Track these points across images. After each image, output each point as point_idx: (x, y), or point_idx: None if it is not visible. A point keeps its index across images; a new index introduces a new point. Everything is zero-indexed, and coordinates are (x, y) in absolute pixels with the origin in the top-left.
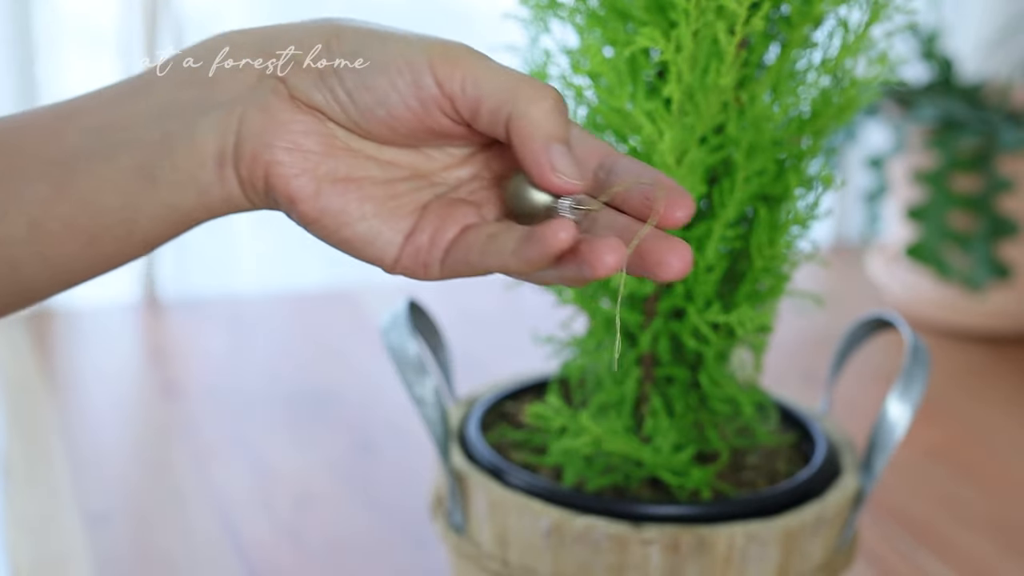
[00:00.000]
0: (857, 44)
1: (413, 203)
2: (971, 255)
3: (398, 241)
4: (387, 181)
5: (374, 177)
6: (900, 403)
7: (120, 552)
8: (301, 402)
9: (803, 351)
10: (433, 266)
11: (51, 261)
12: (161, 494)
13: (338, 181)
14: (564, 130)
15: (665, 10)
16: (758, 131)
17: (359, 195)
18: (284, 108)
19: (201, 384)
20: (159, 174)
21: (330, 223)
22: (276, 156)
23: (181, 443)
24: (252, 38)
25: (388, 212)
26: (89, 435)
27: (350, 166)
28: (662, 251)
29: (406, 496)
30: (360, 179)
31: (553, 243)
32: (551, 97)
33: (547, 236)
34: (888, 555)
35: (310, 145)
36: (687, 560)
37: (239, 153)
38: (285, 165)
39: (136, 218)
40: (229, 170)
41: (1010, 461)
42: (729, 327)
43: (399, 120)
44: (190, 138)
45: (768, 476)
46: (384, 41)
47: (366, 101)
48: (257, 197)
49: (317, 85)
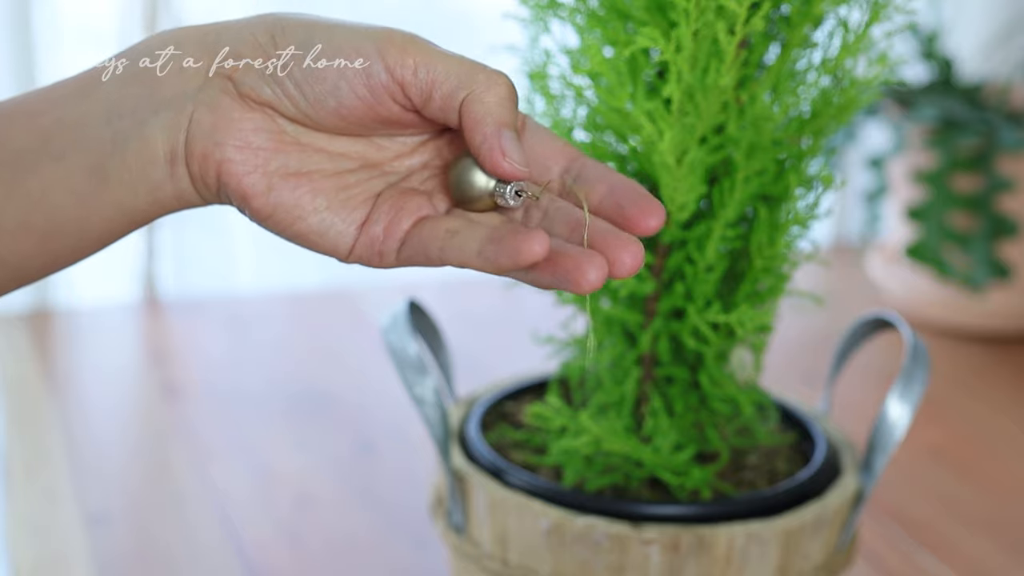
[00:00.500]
0: (857, 44)
1: (365, 193)
2: (971, 255)
3: (351, 232)
4: (338, 173)
5: (325, 170)
6: (900, 403)
7: (120, 552)
8: (301, 402)
9: (803, 351)
10: (388, 255)
11: (5, 260)
12: (161, 494)
13: (289, 176)
14: (514, 117)
15: (665, 10)
16: (758, 131)
17: (311, 188)
18: (233, 106)
19: (201, 384)
20: (111, 174)
21: (283, 218)
22: (227, 154)
23: (181, 443)
24: (196, 35)
25: (340, 203)
26: (89, 435)
27: (301, 160)
28: (616, 248)
29: (406, 496)
30: (311, 172)
31: (527, 255)
32: (504, 84)
33: (520, 247)
34: (887, 554)
35: (260, 142)
36: (687, 560)
37: (190, 151)
38: (236, 163)
39: (89, 216)
40: (180, 168)
41: (1010, 461)
42: (729, 327)
43: (349, 109)
44: (141, 137)
45: (768, 476)
46: (331, 31)
47: (315, 92)
48: (209, 193)
49: (266, 81)
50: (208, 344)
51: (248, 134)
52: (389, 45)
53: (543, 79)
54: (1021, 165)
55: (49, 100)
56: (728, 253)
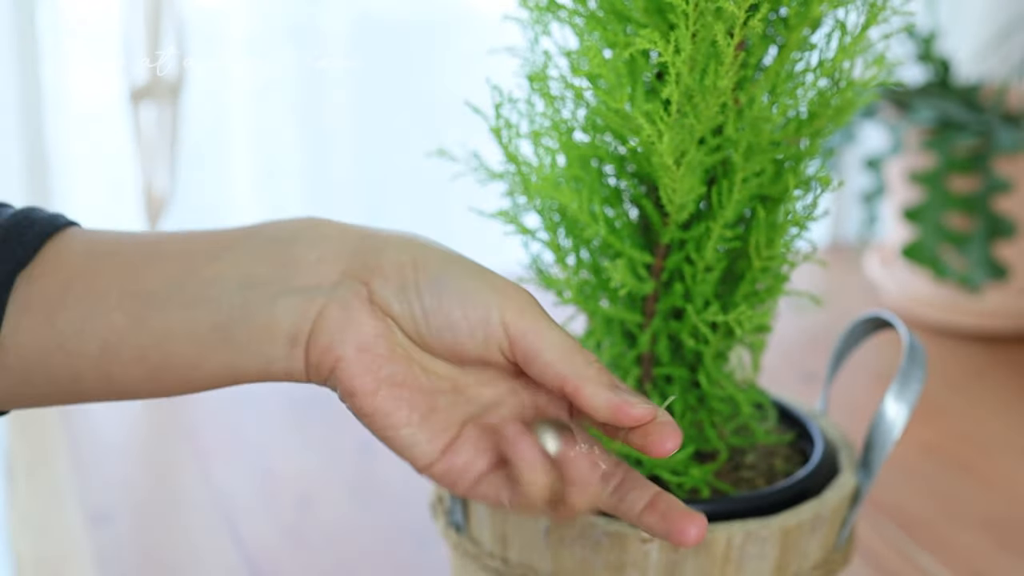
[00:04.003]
0: (854, 46)
1: (451, 418)
2: (968, 256)
3: (433, 452)
4: (431, 392)
5: (423, 386)
6: (897, 402)
7: (122, 551)
8: (303, 401)
9: (801, 351)
10: (460, 487)
11: (114, 381)
12: (163, 494)
13: (395, 386)
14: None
15: (664, 12)
16: (756, 132)
17: (409, 402)
18: (362, 310)
19: None
20: (233, 336)
21: (380, 421)
22: (347, 352)
23: (183, 443)
24: (341, 234)
25: (429, 424)
26: (91, 434)
27: (406, 373)
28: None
29: (407, 495)
30: (411, 386)
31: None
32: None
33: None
34: (885, 553)
35: (378, 348)
36: (686, 558)
37: (312, 341)
38: (353, 362)
39: (202, 365)
40: (299, 351)
41: (1005, 459)
42: (728, 327)
43: (462, 347)
44: (269, 314)
45: (766, 475)
46: (464, 272)
47: (438, 323)
48: (318, 379)
49: (398, 297)
50: None
51: (370, 338)
52: (512, 305)
53: (543, 80)
54: (1018, 166)
55: (184, 250)
56: (727, 253)
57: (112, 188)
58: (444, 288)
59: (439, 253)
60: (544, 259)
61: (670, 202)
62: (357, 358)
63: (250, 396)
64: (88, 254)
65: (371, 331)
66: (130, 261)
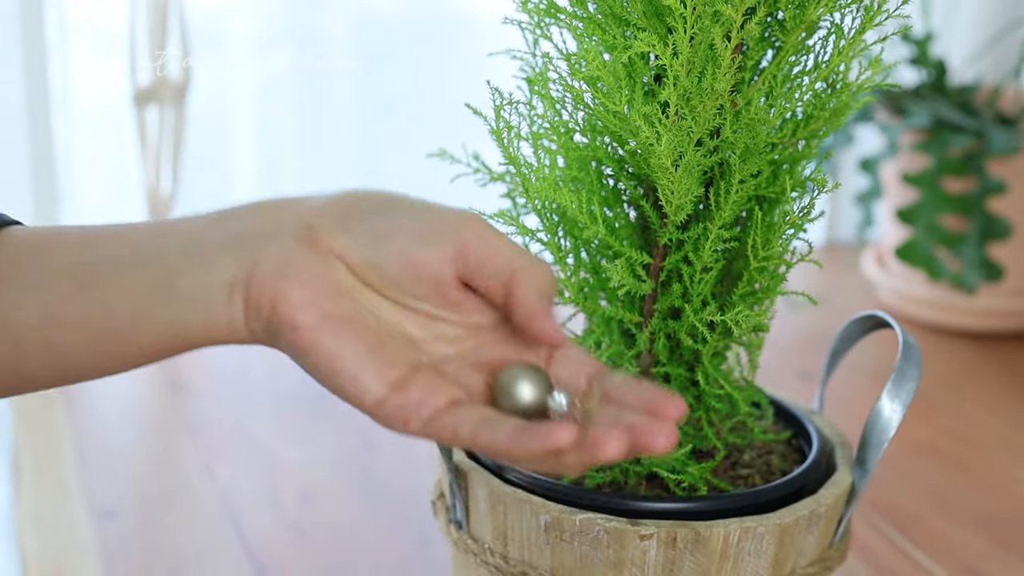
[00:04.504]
0: (850, 49)
1: (403, 358)
2: (962, 257)
3: (383, 386)
4: (380, 332)
5: (370, 325)
6: (892, 400)
7: (127, 546)
8: (306, 398)
9: (798, 350)
10: (413, 423)
11: (56, 350)
12: (168, 489)
13: (340, 320)
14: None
15: (662, 16)
16: (753, 134)
17: (355, 334)
18: (304, 250)
19: (206, 380)
20: (175, 289)
21: (324, 353)
22: (287, 287)
23: (187, 439)
24: (283, 201)
25: (377, 358)
26: (96, 431)
27: (351, 311)
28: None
29: (408, 491)
30: (358, 323)
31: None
32: (550, 271)
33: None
34: (880, 549)
35: (319, 286)
36: (684, 555)
37: (251, 283)
38: (294, 296)
39: (142, 325)
40: (238, 296)
41: (998, 456)
42: (725, 326)
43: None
44: (209, 263)
45: (763, 472)
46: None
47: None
48: (258, 325)
49: (342, 227)
50: None
51: (310, 277)
52: (466, 214)
53: (543, 83)
54: (1011, 167)
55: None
56: (724, 253)
57: (117, 188)
58: (390, 210)
59: (379, 192)
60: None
61: (668, 203)
62: (299, 293)
63: (254, 393)
64: (33, 240)
65: (314, 270)
66: (75, 243)
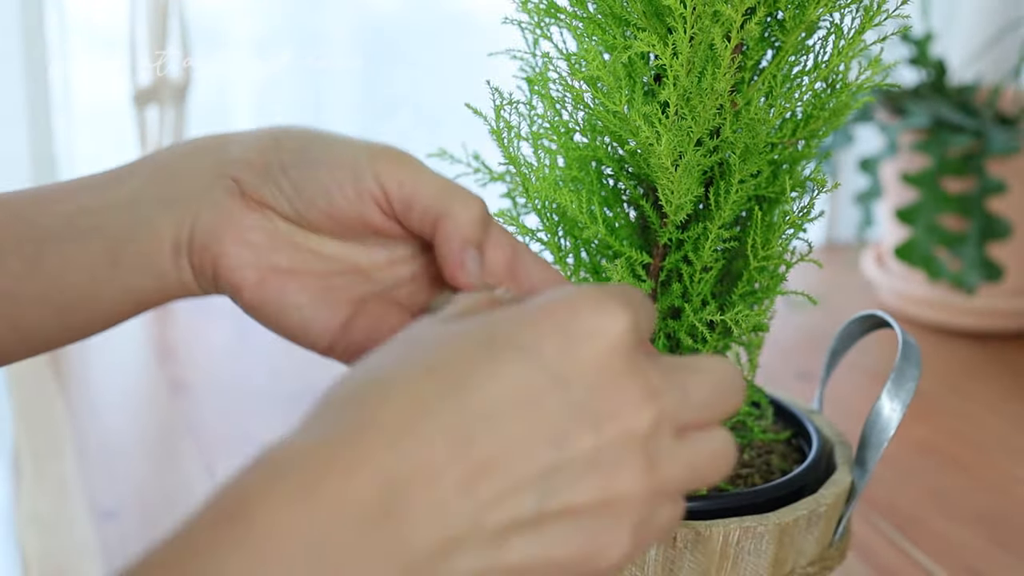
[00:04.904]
0: (850, 49)
1: (349, 295)
2: (962, 257)
3: (331, 330)
4: (325, 274)
5: (314, 270)
6: (892, 400)
7: (128, 547)
8: (306, 397)
9: (797, 349)
10: None
11: (21, 328)
12: (169, 489)
13: (280, 273)
14: (481, 238)
15: (662, 16)
16: (753, 134)
17: (297, 286)
18: (236, 206)
19: (207, 379)
20: (123, 259)
21: (270, 311)
22: (224, 248)
23: (188, 439)
24: (212, 143)
25: (323, 303)
26: (97, 430)
27: (292, 259)
28: None
29: None
30: (300, 271)
31: None
32: (478, 207)
33: None
34: (880, 549)
35: (256, 239)
36: (684, 554)
37: (192, 245)
38: (232, 257)
39: (100, 295)
40: (183, 259)
41: (998, 456)
42: (725, 326)
43: (338, 210)
44: (151, 229)
45: (763, 472)
46: (327, 141)
47: (310, 192)
48: (208, 284)
49: (266, 180)
50: (215, 340)
51: (246, 231)
52: (382, 157)
53: (543, 83)
54: (1011, 167)
55: (74, 190)
56: (724, 253)
57: None
58: (308, 155)
59: (299, 130)
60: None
61: (668, 203)
62: (236, 253)
63: (255, 393)
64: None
65: (247, 223)
66: (25, 209)
